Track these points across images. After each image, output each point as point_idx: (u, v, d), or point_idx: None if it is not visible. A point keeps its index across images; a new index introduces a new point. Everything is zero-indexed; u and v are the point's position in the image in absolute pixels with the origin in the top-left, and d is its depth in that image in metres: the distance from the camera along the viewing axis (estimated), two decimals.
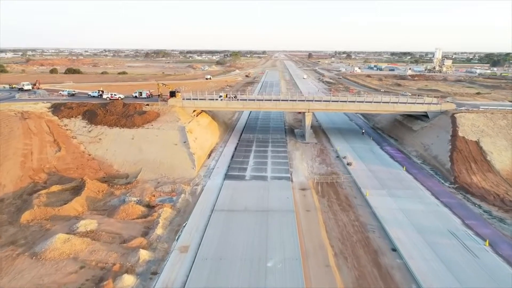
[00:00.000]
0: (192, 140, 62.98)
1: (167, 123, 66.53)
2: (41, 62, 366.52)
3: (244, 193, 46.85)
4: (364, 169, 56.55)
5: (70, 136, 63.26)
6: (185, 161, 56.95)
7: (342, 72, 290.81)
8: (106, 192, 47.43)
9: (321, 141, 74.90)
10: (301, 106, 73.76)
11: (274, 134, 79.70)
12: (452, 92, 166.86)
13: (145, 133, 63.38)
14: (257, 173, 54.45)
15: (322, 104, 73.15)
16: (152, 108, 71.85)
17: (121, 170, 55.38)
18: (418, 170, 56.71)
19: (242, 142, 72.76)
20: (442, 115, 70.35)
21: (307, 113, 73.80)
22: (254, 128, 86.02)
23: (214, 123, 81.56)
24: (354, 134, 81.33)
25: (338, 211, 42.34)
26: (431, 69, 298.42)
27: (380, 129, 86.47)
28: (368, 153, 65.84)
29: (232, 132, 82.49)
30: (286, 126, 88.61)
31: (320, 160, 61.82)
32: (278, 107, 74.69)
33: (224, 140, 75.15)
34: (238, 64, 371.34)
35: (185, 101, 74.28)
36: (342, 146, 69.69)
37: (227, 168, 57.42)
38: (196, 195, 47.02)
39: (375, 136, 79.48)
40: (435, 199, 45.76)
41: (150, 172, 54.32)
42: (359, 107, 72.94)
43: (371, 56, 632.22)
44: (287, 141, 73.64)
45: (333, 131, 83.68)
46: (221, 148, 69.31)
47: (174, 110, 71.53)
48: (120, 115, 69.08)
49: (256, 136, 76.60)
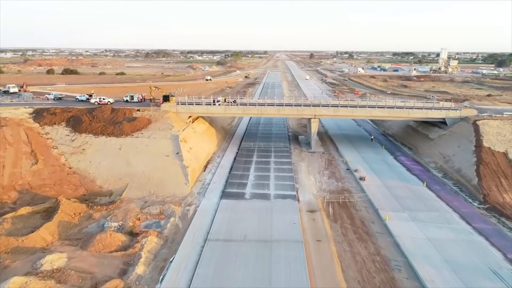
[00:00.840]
0: (186, 151, 56.55)
1: (159, 131, 60.12)
2: (39, 62, 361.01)
3: (244, 216, 40.37)
4: (380, 185, 49.99)
5: (50, 146, 56.91)
6: (177, 175, 50.51)
7: (345, 72, 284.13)
8: (84, 214, 41.01)
9: (329, 150, 68.37)
10: (307, 112, 67.24)
11: (276, 141, 73.18)
12: (461, 94, 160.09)
13: (134, 143, 56.99)
14: (258, 190, 47.95)
15: (330, 110, 66.61)
16: (143, 114, 65.43)
17: (104, 187, 48.94)
18: (440, 186, 50.13)
19: (242, 151, 66.28)
20: (462, 122, 63.78)
21: (313, 120, 67.28)
22: (255, 134, 79.52)
23: (212, 129, 75.12)
24: (363, 141, 74.75)
25: (354, 241, 35.82)
26: (437, 69, 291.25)
27: (391, 136, 79.86)
28: (382, 164, 59.27)
29: (231, 139, 76.00)
30: (289, 133, 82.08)
31: (328, 173, 55.28)
32: (281, 113, 68.18)
33: (222, 149, 68.69)
34: (239, 65, 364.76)
35: (179, 106, 67.85)
36: (352, 156, 63.15)
37: (225, 183, 50.95)
38: (188, 218, 40.55)
39: (386, 144, 72.91)
40: (466, 224, 39.19)
41: (137, 189, 47.87)
42: (370, 113, 66.38)
43: (373, 56, 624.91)
44: (291, 150, 67.14)
45: (340, 138, 77.12)
46: (218, 158, 62.85)
47: (167, 116, 65.10)
48: (108, 122, 62.70)
49: (257, 144, 70.09)
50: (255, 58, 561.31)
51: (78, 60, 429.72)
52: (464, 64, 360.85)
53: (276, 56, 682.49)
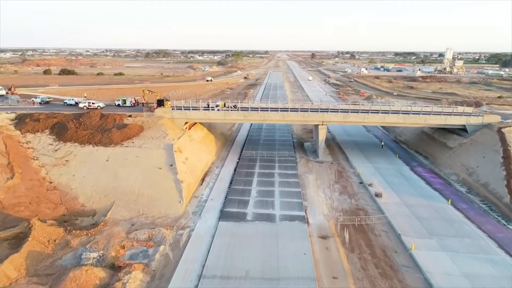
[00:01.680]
0: (181, 162, 50.89)
1: (152, 140, 54.48)
2: (37, 63, 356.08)
3: (245, 244, 34.70)
4: (398, 202, 44.25)
5: (30, 156, 51.32)
6: (171, 191, 44.85)
7: (348, 73, 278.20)
8: (60, 241, 35.40)
9: (337, 159, 62.65)
10: (313, 118, 61.51)
11: (280, 149, 67.47)
12: (471, 95, 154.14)
13: (123, 153, 51.34)
14: (261, 210, 42.26)
15: (339, 116, 60.87)
16: (135, 120, 59.79)
17: (87, 205, 43.31)
18: (467, 204, 44.37)
19: (243, 161, 60.59)
20: (485, 129, 58.04)
21: (321, 126, 61.57)
22: (257, 141, 73.80)
23: (211, 135, 69.46)
24: (374, 149, 69.00)
25: (377, 278, 30.11)
26: (442, 70, 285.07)
27: (404, 143, 74.06)
28: (398, 177, 53.53)
29: (231, 146, 70.30)
30: (294, 139, 76.35)
31: (340, 188, 49.55)
32: (286, 119, 62.43)
33: (221, 158, 63.00)
34: (240, 65, 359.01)
35: (175, 111, 62.21)
36: (364, 167, 57.43)
37: (224, 200, 45.27)
38: (180, 246, 34.87)
39: (399, 152, 67.16)
40: (505, 254, 33.47)
41: (124, 208, 42.25)
42: (383, 119, 60.64)
43: (374, 56, 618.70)
44: (297, 160, 61.44)
45: (349, 145, 71.38)
46: (217, 169, 57.18)
47: (162, 122, 59.47)
48: (96, 129, 57.09)
49: (260, 153, 64.37)
50: (256, 58, 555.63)
51: (77, 60, 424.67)
52: (468, 64, 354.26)
53: (277, 56, 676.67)
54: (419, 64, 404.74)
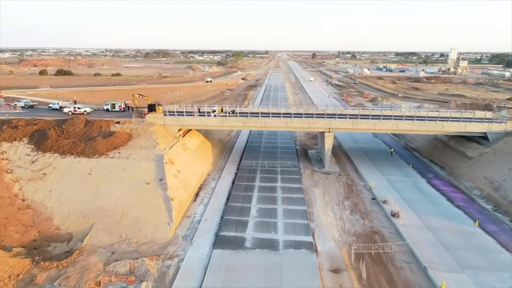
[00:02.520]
0: (173, 176, 45.44)
1: (140, 150, 49.02)
2: (34, 63, 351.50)
3: (243, 280, 29.21)
4: (419, 225, 38.74)
5: (4, 169, 45.88)
6: (159, 211, 39.39)
7: (350, 73, 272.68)
8: (24, 276, 29.96)
9: (345, 170, 57.19)
10: (319, 125, 56.00)
11: (283, 158, 61.99)
12: (479, 97, 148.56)
13: (108, 166, 45.89)
14: (262, 234, 36.77)
15: (348, 122, 55.34)
16: (123, 128, 54.34)
17: (63, 227, 37.86)
18: (497, 226, 38.86)
19: (242, 173, 55.13)
20: (509, 137, 52.63)
21: (327, 134, 56.09)
22: (257, 148, 68.30)
23: (207, 143, 64.03)
24: (384, 157, 63.53)
25: None
26: (446, 70, 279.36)
27: (416, 150, 68.52)
28: (414, 192, 48.01)
29: (229, 155, 64.82)
30: (297, 146, 70.84)
31: (350, 205, 44.06)
32: (289, 126, 56.89)
33: (218, 168, 57.52)
34: (240, 65, 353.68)
35: (167, 117, 56.78)
36: (375, 179, 51.96)
37: (220, 221, 39.80)
38: (167, 283, 29.41)
39: (411, 160, 61.71)
40: None
41: (105, 232, 36.80)
42: (396, 126, 55.10)
43: (375, 56, 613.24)
44: (301, 171, 55.98)
45: (357, 152, 65.91)
46: (213, 182, 51.71)
47: (152, 130, 54.02)
48: (79, 137, 51.67)
49: (260, 162, 58.86)
50: (256, 58, 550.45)
51: (76, 60, 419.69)
52: (471, 65, 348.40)
53: (277, 56, 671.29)
54: (422, 65, 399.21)
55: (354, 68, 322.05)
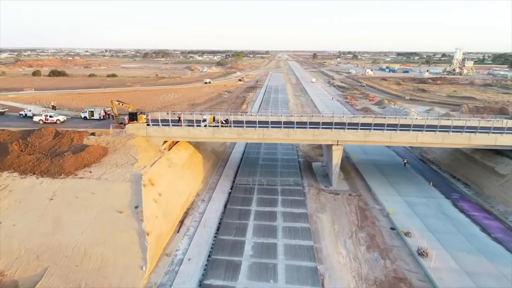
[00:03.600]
0: (152, 201, 37.90)
1: (116, 169, 41.50)
2: (29, 63, 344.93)
3: None
4: (454, 268, 31.10)
5: None
6: (130, 250, 31.81)
7: (353, 74, 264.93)
8: None
9: (356, 188, 49.61)
10: (326, 137, 48.38)
11: (284, 173, 54.42)
12: (491, 100, 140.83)
13: (75, 188, 38.34)
14: (258, 283, 29.11)
15: (359, 134, 47.68)
16: (98, 140, 46.81)
17: (8, 273, 30.19)
18: None
19: (237, 193, 47.53)
20: None
21: (335, 147, 48.50)
22: (255, 161, 60.69)
23: (198, 155, 56.48)
24: (398, 171, 56.00)
25: None
26: (451, 71, 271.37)
27: (433, 163, 60.82)
28: (441, 219, 40.40)
29: (223, 169, 57.20)
30: (300, 157, 63.26)
31: (366, 238, 36.45)
32: (291, 138, 49.23)
33: (210, 186, 49.91)
34: (240, 65, 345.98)
35: (150, 128, 49.28)
36: (392, 202, 44.39)
37: (206, 261, 32.18)
38: None
39: (430, 175, 54.17)
40: None
41: (61, 279, 29.21)
42: (415, 138, 47.44)
43: (376, 56, 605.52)
44: (305, 189, 48.39)
45: (368, 166, 58.35)
46: (202, 205, 44.11)
47: (132, 143, 46.48)
48: (46, 152, 44.21)
49: (258, 179, 51.21)
50: (256, 59, 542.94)
51: (72, 61, 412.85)
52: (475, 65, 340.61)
53: (278, 56, 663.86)
54: (425, 65, 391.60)
55: (356, 69, 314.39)
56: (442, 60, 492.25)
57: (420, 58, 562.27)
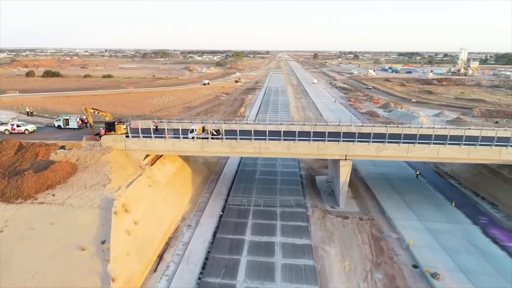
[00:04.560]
0: (124, 233, 31.32)
1: (84, 191, 34.93)
2: (25, 63, 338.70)
3: None
4: None
5: None
6: None
7: (355, 74, 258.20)
8: None
9: (367, 209, 42.99)
10: (333, 151, 41.74)
11: (284, 190, 47.81)
12: (501, 102, 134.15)
13: (32, 217, 31.79)
14: None
15: (371, 148, 41.00)
16: (68, 156, 40.23)
17: None
18: None
19: (229, 216, 40.91)
20: None
21: (343, 163, 41.88)
22: (251, 174, 54.11)
23: (187, 169, 49.93)
24: (414, 188, 49.41)
25: None
26: (456, 71, 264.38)
27: (452, 177, 54.10)
28: (472, 252, 33.73)
29: (215, 183, 50.61)
30: (301, 170, 56.65)
31: (384, 280, 29.79)
32: (292, 153, 42.57)
33: (198, 208, 43.27)
34: (239, 66, 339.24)
35: (130, 140, 42.69)
36: (411, 228, 37.80)
37: None
38: None
39: (450, 193, 47.55)
40: None
41: None
42: (437, 153, 40.75)
43: (377, 56, 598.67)
44: (309, 211, 41.76)
45: (378, 181, 51.78)
46: (188, 233, 37.50)
47: (107, 158, 39.89)
48: (4, 170, 37.66)
49: (254, 199, 44.57)
50: (257, 59, 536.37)
51: (69, 61, 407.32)
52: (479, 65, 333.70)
53: (278, 56, 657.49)
54: (427, 65, 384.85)
55: (358, 69, 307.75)
56: (444, 60, 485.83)
57: (422, 58, 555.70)
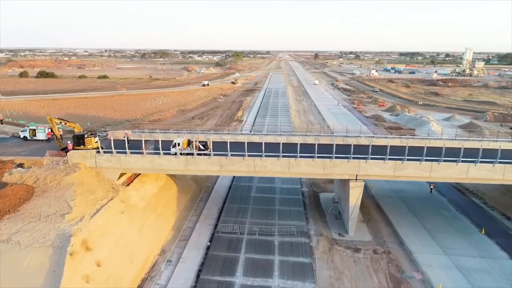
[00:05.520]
0: (81, 280, 24.82)
1: (37, 223, 28.38)
2: (21, 64, 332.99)
3: None
4: None
5: None
6: None
7: (357, 75, 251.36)
8: None
9: (381, 237, 36.43)
10: (341, 170, 35.13)
11: (283, 213, 41.24)
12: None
13: None
14: None
15: (388, 166, 34.35)
16: (24, 176, 33.66)
17: None
18: None
19: (217, 248, 34.28)
20: None
21: (353, 183, 35.27)
22: (246, 192, 47.46)
23: (172, 186, 43.38)
24: (435, 209, 42.89)
25: None
26: (460, 72, 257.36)
27: (476, 194, 47.41)
28: None
29: (205, 204, 43.98)
30: (303, 186, 50.03)
31: None
32: (293, 172, 35.92)
33: (182, 236, 36.62)
34: (239, 66, 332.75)
35: (102, 156, 36.13)
36: (437, 266, 31.26)
37: None
38: None
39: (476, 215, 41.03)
40: None
41: None
42: (466, 173, 34.15)
43: (378, 57, 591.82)
44: (312, 241, 35.15)
45: (391, 199, 45.25)
46: (166, 272, 30.86)
47: (71, 180, 33.31)
48: None
49: (248, 225, 37.95)
50: (257, 59, 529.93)
51: (67, 61, 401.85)
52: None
53: (279, 56, 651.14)
54: (429, 65, 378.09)
55: (360, 70, 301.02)
56: (447, 61, 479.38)
57: (424, 58, 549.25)
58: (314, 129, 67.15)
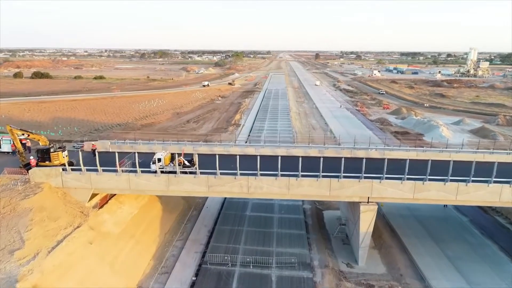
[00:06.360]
0: None
1: None
2: (17, 64, 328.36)
3: None
4: None
5: None
6: None
7: (359, 76, 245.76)
8: None
9: (396, 268, 31.07)
10: (351, 191, 29.72)
11: (283, 237, 35.87)
12: None
13: None
14: None
15: (405, 188, 28.97)
16: None
17: None
18: None
19: (204, 283, 28.93)
20: None
21: (363, 207, 29.88)
22: (241, 211, 42.02)
23: (156, 206, 38.00)
24: (455, 231, 37.52)
25: None
26: (465, 72, 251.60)
27: (499, 213, 42.00)
28: None
29: (193, 226, 38.61)
30: (305, 203, 44.58)
31: None
32: (294, 194, 30.44)
33: (163, 269, 31.19)
34: (239, 66, 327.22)
35: (69, 174, 30.78)
36: None
37: None
38: None
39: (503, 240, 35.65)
40: None
41: None
42: (499, 195, 28.70)
43: (379, 56, 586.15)
44: (316, 276, 29.79)
45: (406, 220, 39.94)
46: None
47: (29, 204, 27.96)
48: None
49: (242, 256, 32.51)
50: (257, 59, 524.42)
51: (64, 62, 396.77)
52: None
53: (279, 57, 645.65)
54: (432, 65, 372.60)
55: (361, 70, 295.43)
56: (449, 61, 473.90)
57: (425, 58, 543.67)
58: (317, 137, 61.68)
